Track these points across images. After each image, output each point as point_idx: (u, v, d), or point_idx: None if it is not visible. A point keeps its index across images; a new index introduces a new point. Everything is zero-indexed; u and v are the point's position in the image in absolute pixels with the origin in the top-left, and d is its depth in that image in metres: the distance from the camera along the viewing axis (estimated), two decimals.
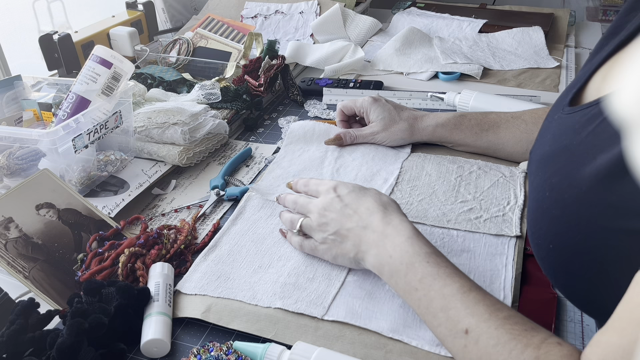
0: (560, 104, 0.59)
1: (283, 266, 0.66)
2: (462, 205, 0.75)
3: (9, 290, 0.62)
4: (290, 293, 0.62)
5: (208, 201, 0.81)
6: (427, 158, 0.86)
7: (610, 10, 1.54)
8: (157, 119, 0.88)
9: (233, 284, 0.64)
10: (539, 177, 0.57)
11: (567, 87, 0.62)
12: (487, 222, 0.72)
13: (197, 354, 0.57)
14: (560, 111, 0.58)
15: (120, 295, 0.59)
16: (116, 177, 0.86)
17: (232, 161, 0.90)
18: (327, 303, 0.61)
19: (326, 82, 1.13)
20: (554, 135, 0.57)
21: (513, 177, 0.80)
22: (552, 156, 0.55)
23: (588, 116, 0.51)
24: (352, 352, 0.55)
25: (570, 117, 0.54)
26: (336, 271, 0.65)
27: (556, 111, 0.59)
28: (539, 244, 0.56)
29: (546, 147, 0.57)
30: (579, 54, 1.28)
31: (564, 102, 0.58)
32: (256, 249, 0.70)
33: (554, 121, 0.59)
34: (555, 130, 0.57)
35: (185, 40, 1.24)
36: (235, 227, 0.74)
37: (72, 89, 0.81)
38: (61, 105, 0.82)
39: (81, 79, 0.81)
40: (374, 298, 0.61)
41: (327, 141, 0.90)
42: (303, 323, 0.59)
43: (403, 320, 0.58)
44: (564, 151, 0.53)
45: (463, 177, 0.81)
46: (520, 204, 0.74)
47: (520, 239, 0.69)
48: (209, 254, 0.70)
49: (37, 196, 0.71)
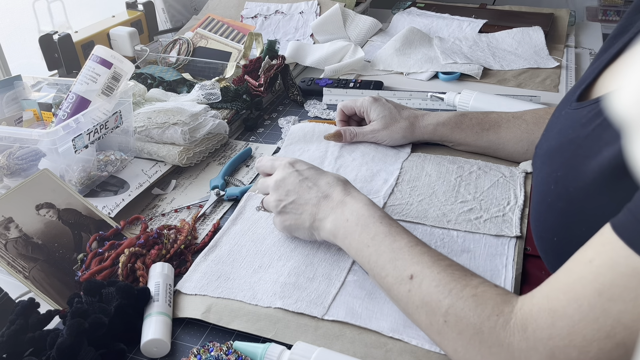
0: (568, 100, 0.60)
1: (283, 266, 0.66)
2: (462, 206, 0.75)
3: (9, 290, 0.62)
4: (290, 293, 0.62)
5: (208, 201, 0.81)
6: (427, 158, 0.86)
7: (610, 10, 1.54)
8: (157, 119, 0.88)
9: (233, 284, 0.64)
10: (544, 171, 0.57)
11: (574, 85, 0.62)
12: (487, 223, 0.72)
13: (197, 354, 0.57)
14: (567, 107, 0.58)
15: (120, 296, 0.59)
16: (116, 177, 0.86)
17: (232, 161, 0.90)
18: (327, 303, 0.61)
19: (326, 82, 1.13)
20: (561, 130, 0.57)
21: (513, 177, 0.80)
22: (558, 150, 0.56)
23: (595, 111, 0.51)
24: (352, 351, 0.55)
25: (577, 112, 0.55)
26: (336, 271, 0.65)
27: (563, 107, 0.60)
28: (543, 236, 0.57)
29: (552, 141, 0.58)
30: (579, 54, 1.28)
31: (571, 99, 0.58)
32: (256, 249, 0.70)
33: (561, 116, 0.59)
34: (562, 125, 0.57)
35: (185, 40, 1.24)
36: (235, 227, 0.74)
37: (72, 89, 0.81)
38: (61, 105, 0.82)
39: (81, 79, 0.81)
40: (374, 298, 0.61)
41: (327, 136, 0.90)
42: (303, 323, 0.59)
43: (403, 321, 0.58)
44: (570, 144, 0.53)
45: (463, 177, 0.81)
46: (520, 204, 0.74)
47: (520, 240, 0.69)
48: (209, 254, 0.70)
49: (37, 196, 0.71)
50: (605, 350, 0.41)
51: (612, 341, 0.41)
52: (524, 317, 0.47)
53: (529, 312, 0.47)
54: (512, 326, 0.47)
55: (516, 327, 0.47)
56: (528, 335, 0.46)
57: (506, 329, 0.47)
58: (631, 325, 0.40)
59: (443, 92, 1.05)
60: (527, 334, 0.46)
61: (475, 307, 0.50)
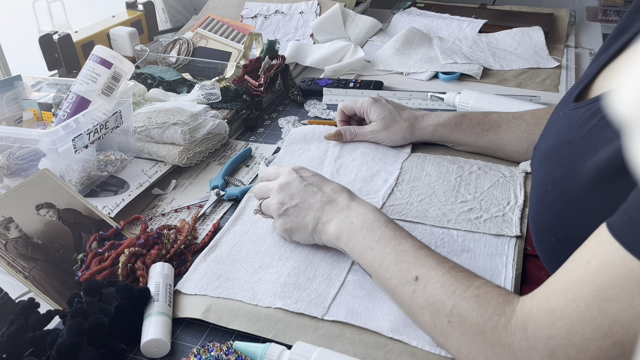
0: (566, 101, 0.60)
1: (283, 266, 0.66)
2: (462, 206, 0.75)
3: (9, 290, 0.62)
4: (290, 293, 0.62)
5: (208, 201, 0.81)
6: (427, 158, 0.86)
7: (610, 10, 1.54)
8: (157, 119, 0.88)
9: (233, 284, 0.64)
10: (542, 172, 0.58)
11: (573, 85, 0.63)
12: (487, 222, 0.72)
13: (197, 354, 0.57)
14: (565, 107, 0.58)
15: (120, 296, 0.59)
16: (116, 177, 0.86)
17: (232, 161, 0.90)
18: (327, 303, 0.61)
19: (326, 82, 1.13)
20: (558, 131, 0.57)
21: (513, 177, 0.80)
22: (555, 150, 0.56)
23: (592, 111, 0.51)
24: (352, 352, 0.55)
25: (574, 113, 0.55)
26: (336, 271, 0.65)
27: (561, 108, 0.60)
28: (541, 237, 0.57)
29: (550, 142, 0.58)
30: (579, 54, 1.28)
31: (569, 99, 0.58)
32: (256, 249, 0.70)
33: (559, 117, 0.60)
34: (560, 126, 0.58)
35: (185, 40, 1.24)
36: (235, 228, 0.74)
37: (72, 89, 0.81)
38: (61, 105, 0.82)
39: (81, 79, 0.81)
40: (374, 298, 0.61)
41: (327, 136, 0.90)
42: (303, 323, 0.59)
43: (403, 320, 0.58)
44: (567, 145, 0.53)
45: (463, 177, 0.81)
46: (520, 204, 0.74)
47: (520, 239, 0.69)
48: (209, 254, 0.69)
49: (37, 196, 0.71)
50: (604, 349, 0.42)
51: (609, 340, 0.41)
52: (524, 316, 0.47)
53: (529, 312, 0.47)
54: (513, 326, 0.48)
55: (517, 327, 0.47)
56: (528, 335, 0.46)
57: (507, 329, 0.48)
58: (628, 325, 0.40)
59: (443, 92, 1.05)
60: (528, 333, 0.46)
61: (478, 307, 0.50)
